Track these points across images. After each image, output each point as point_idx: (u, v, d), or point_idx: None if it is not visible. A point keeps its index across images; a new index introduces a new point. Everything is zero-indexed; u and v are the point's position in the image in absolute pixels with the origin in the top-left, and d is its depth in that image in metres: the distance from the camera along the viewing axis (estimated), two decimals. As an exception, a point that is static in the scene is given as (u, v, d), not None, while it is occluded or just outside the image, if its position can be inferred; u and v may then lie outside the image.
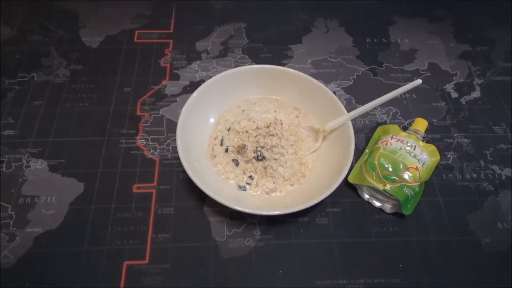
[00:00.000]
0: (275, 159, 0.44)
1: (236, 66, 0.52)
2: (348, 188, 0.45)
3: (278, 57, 0.57)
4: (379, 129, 0.49)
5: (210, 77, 0.47)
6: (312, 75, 0.48)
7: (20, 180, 0.44)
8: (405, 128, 0.50)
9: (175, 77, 0.54)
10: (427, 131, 0.48)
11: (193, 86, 0.52)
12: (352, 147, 0.42)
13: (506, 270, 0.41)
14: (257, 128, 0.47)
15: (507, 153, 0.49)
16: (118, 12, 0.60)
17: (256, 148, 0.45)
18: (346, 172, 0.40)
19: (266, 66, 0.49)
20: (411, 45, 0.60)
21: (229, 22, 0.61)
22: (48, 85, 0.52)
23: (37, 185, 0.43)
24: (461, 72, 0.57)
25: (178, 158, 0.40)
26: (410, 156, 0.44)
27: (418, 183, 0.43)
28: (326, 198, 0.39)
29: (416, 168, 0.43)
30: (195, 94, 0.45)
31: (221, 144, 0.46)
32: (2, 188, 0.43)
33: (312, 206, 0.39)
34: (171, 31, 0.59)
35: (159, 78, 0.53)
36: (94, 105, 0.50)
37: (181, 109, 0.43)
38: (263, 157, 0.44)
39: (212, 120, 0.48)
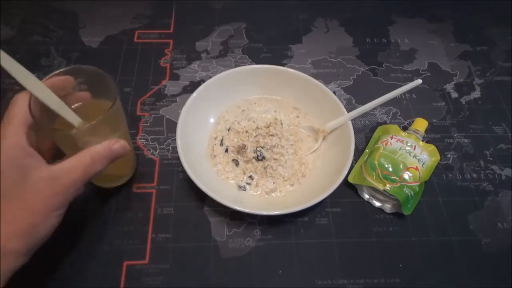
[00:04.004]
0: (275, 159, 0.44)
1: (236, 66, 0.52)
2: (348, 188, 0.45)
3: (278, 57, 0.57)
4: (379, 129, 0.49)
5: (210, 77, 0.47)
6: (312, 75, 0.48)
7: (20, 180, 0.43)
8: (405, 128, 0.50)
9: (175, 77, 0.54)
10: (427, 131, 0.48)
11: (193, 86, 0.52)
12: (352, 147, 0.42)
13: (506, 270, 0.41)
14: (257, 128, 0.47)
15: (507, 153, 0.49)
16: (118, 12, 0.60)
17: (256, 148, 0.45)
18: (346, 172, 0.40)
19: (266, 66, 0.49)
20: (411, 45, 0.60)
21: (229, 22, 0.61)
22: (48, 85, 0.51)
23: (37, 185, 0.43)
24: (461, 72, 0.57)
25: (178, 158, 0.40)
26: (410, 156, 0.44)
27: (418, 183, 0.43)
28: (326, 198, 0.39)
29: (416, 168, 0.43)
30: (195, 94, 0.45)
31: (221, 144, 0.46)
32: (2, 188, 0.43)
33: (312, 206, 0.39)
34: (171, 31, 0.59)
35: (159, 78, 0.53)
36: (94, 105, 0.50)
37: (181, 109, 0.43)
38: (263, 157, 0.44)
39: (212, 120, 0.48)
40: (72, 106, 0.35)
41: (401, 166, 0.43)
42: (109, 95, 0.35)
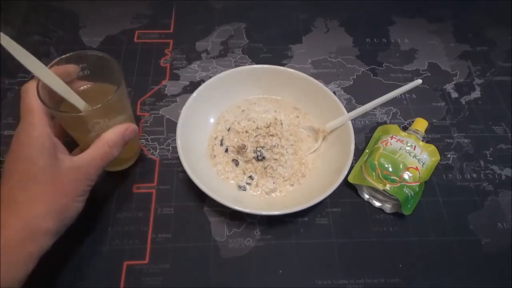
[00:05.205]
0: (275, 159, 0.44)
1: (236, 66, 0.52)
2: (348, 188, 0.45)
3: (278, 57, 0.57)
4: (379, 129, 0.49)
5: (210, 77, 0.47)
6: (312, 75, 0.48)
7: (20, 180, 0.43)
8: (405, 128, 0.50)
9: (175, 77, 0.54)
10: (427, 131, 0.48)
11: (193, 86, 0.52)
12: (352, 147, 0.42)
13: (506, 270, 0.41)
14: (257, 128, 0.47)
15: (507, 153, 0.49)
16: (118, 12, 0.60)
17: (256, 148, 0.45)
18: (346, 172, 0.40)
19: (266, 66, 0.49)
20: (411, 45, 0.60)
21: (229, 22, 0.61)
22: (48, 85, 0.51)
23: (37, 185, 0.43)
24: (461, 72, 0.57)
25: (178, 158, 0.40)
26: (410, 156, 0.44)
27: (418, 183, 0.43)
28: (326, 198, 0.39)
29: (416, 168, 0.43)
30: (195, 94, 0.45)
31: (221, 144, 0.46)
32: (2, 188, 0.43)
33: (312, 206, 0.39)
34: (171, 31, 0.59)
35: (159, 78, 0.53)
36: (94, 105, 0.50)
37: (181, 109, 0.43)
38: (263, 157, 0.44)
39: (212, 120, 0.48)
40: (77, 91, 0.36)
41: (401, 166, 0.43)
42: (113, 78, 0.36)
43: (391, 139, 0.45)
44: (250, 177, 0.44)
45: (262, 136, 0.46)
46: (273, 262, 0.40)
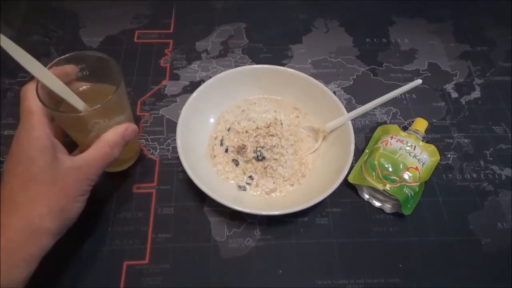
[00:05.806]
0: (275, 159, 0.44)
1: (236, 66, 0.52)
2: (348, 188, 0.45)
3: (278, 57, 0.57)
4: (379, 129, 0.49)
5: (210, 77, 0.47)
6: (312, 75, 0.48)
7: (20, 180, 0.43)
8: (405, 128, 0.50)
9: (175, 77, 0.54)
10: (427, 131, 0.48)
11: (193, 86, 0.52)
12: (352, 147, 0.42)
13: (506, 270, 0.41)
14: (257, 128, 0.47)
15: (507, 153, 0.49)
16: (118, 12, 0.60)
17: (256, 148, 0.45)
18: (346, 172, 0.40)
19: (266, 66, 0.49)
20: (411, 45, 0.60)
21: (229, 22, 0.61)
22: (48, 85, 0.51)
23: (37, 185, 0.43)
24: (461, 72, 0.57)
25: (178, 158, 0.40)
26: (410, 156, 0.44)
27: (418, 183, 0.43)
28: (326, 198, 0.39)
29: (416, 168, 0.43)
30: (195, 94, 0.45)
31: (221, 144, 0.46)
32: (2, 188, 0.43)
33: (312, 206, 0.39)
34: (171, 31, 0.59)
35: (159, 78, 0.53)
36: (94, 105, 0.50)
37: (181, 109, 0.43)
38: (263, 157, 0.44)
39: (212, 120, 0.48)
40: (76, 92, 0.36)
41: (401, 166, 0.43)
42: (112, 78, 0.36)
43: (391, 139, 0.45)
44: (250, 177, 0.44)
45: (262, 136, 0.46)
46: (273, 262, 0.40)
